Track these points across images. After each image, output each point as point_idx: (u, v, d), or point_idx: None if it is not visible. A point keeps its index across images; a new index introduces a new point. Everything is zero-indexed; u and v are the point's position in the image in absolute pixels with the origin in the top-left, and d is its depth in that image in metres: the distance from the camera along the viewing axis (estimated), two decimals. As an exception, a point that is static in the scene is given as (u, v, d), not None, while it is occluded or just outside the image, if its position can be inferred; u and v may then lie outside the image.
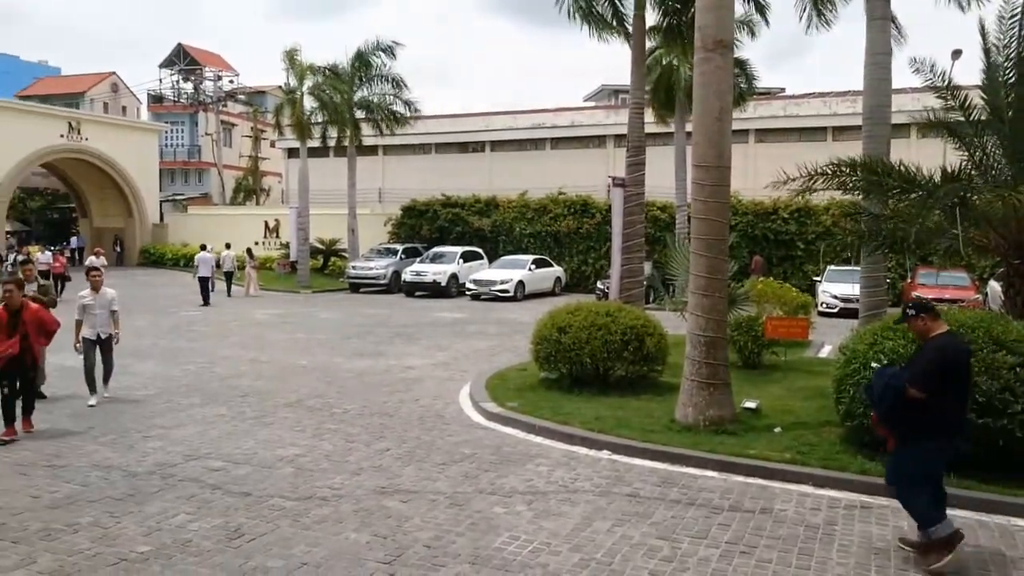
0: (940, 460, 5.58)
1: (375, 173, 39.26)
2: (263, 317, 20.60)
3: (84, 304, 10.17)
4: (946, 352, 5.45)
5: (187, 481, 7.11)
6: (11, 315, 8.46)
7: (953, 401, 5.43)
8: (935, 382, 5.31)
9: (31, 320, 8.58)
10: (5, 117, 34.64)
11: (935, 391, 5.30)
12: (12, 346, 8.34)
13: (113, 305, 10.39)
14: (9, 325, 8.41)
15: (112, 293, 10.47)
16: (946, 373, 5.36)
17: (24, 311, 8.54)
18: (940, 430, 5.41)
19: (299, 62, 30.28)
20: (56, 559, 5.41)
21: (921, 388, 5.28)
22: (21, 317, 8.49)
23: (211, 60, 57.51)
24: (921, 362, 5.50)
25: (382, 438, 8.69)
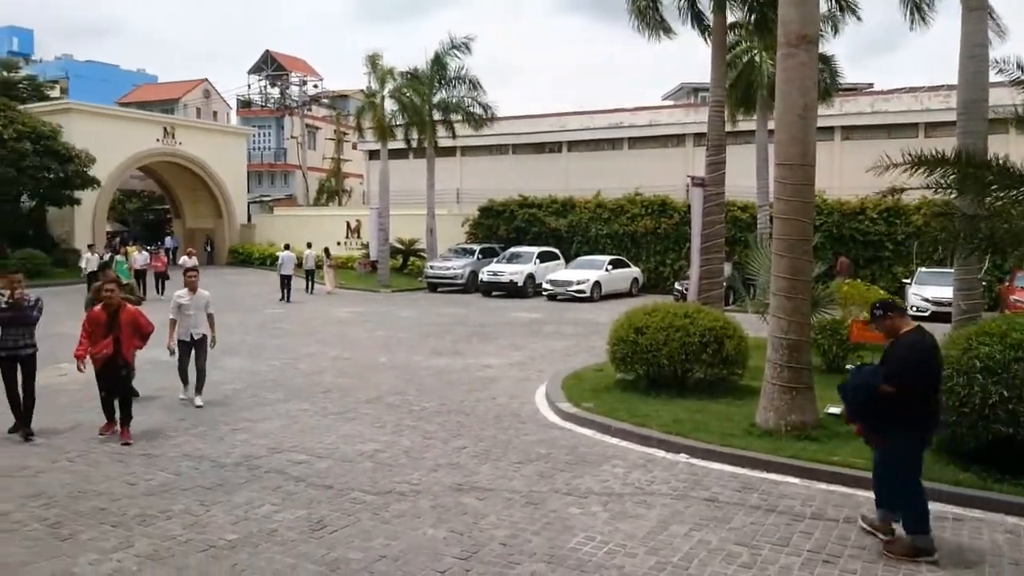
0: (917, 453, 5.71)
1: (453, 174, 39.71)
2: (344, 315, 21.10)
3: (180, 304, 10.01)
4: (916, 348, 5.65)
5: (272, 473, 7.36)
6: (110, 315, 8.40)
7: (924, 395, 5.62)
8: (907, 378, 5.54)
9: (127, 321, 8.45)
10: (107, 123, 36.52)
11: (907, 386, 5.52)
12: (107, 346, 8.27)
13: (208, 307, 10.21)
14: (107, 325, 8.35)
15: (207, 295, 10.29)
16: (918, 368, 5.59)
17: (121, 312, 8.45)
18: (912, 424, 5.61)
19: (380, 66, 30.92)
20: (151, 543, 5.68)
21: (894, 384, 5.51)
22: (118, 318, 8.40)
23: (297, 65, 59.26)
24: (893, 359, 5.69)
25: (459, 436, 8.80)
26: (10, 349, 8.34)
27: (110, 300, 8.44)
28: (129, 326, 8.45)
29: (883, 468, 5.81)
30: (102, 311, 8.41)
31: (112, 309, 8.41)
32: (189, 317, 10.00)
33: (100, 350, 8.28)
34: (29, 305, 8.40)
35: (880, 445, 5.76)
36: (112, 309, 8.41)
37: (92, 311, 8.55)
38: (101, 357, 8.30)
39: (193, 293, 10.09)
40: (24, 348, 8.40)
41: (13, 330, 8.29)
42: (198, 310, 10.06)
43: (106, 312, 8.40)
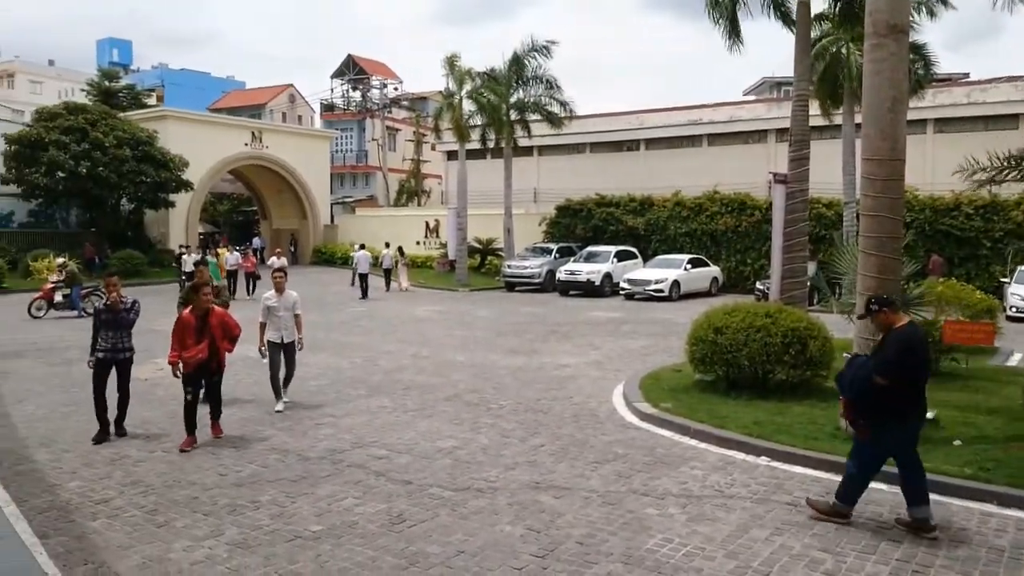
0: (899, 441, 5.99)
1: (530, 173, 39.84)
2: (423, 314, 21.44)
3: (268, 306, 9.87)
4: (909, 342, 5.87)
5: (354, 467, 7.55)
6: (200, 318, 8.28)
7: (912, 387, 5.87)
8: (898, 371, 5.77)
9: (217, 324, 8.36)
10: (199, 129, 38.11)
11: (898, 379, 5.76)
12: (201, 351, 8.18)
13: (296, 308, 10.01)
14: (198, 329, 8.25)
15: (295, 296, 10.10)
16: (909, 362, 5.81)
17: (211, 315, 8.34)
18: (900, 415, 5.86)
19: (458, 68, 31.25)
20: (240, 532, 5.92)
21: (885, 376, 5.75)
22: (209, 321, 8.31)
23: (378, 69, 60.47)
24: (886, 352, 5.91)
25: (536, 434, 8.84)
26: (107, 351, 8.40)
27: (202, 303, 8.35)
28: (219, 329, 8.38)
29: (858, 449, 6.11)
30: (191, 315, 8.32)
31: (202, 312, 8.32)
32: (279, 319, 9.84)
33: (195, 354, 8.16)
34: (125, 308, 8.47)
35: (864, 437, 6.02)
36: (202, 312, 8.32)
37: (181, 315, 8.46)
38: (195, 361, 8.19)
39: (280, 294, 9.95)
40: (122, 351, 8.48)
41: (111, 332, 8.38)
42: (286, 311, 9.89)
43: (196, 316, 8.30)
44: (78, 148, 29.96)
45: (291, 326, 9.95)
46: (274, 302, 9.87)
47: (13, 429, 8.97)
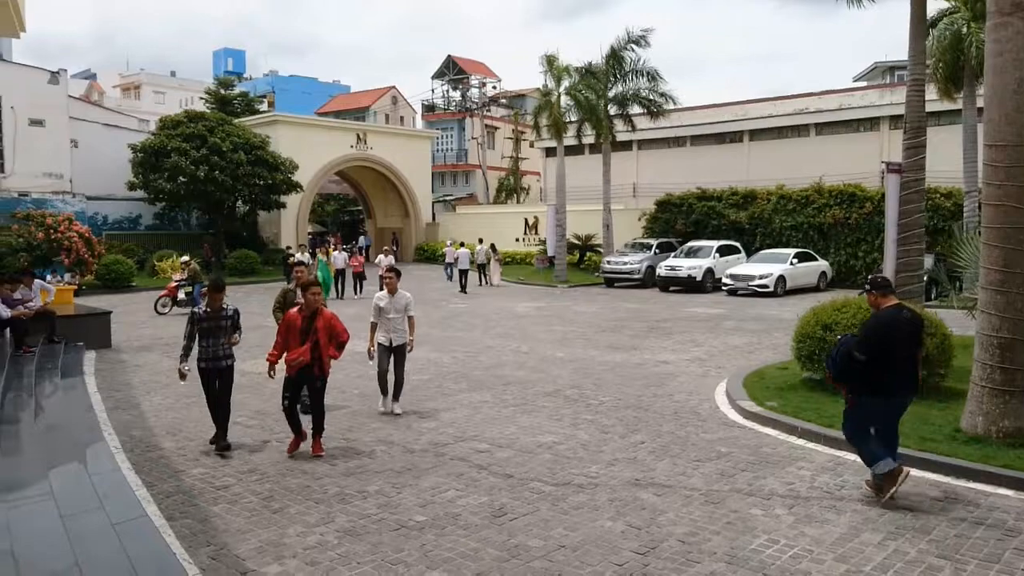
0: (880, 413, 6.54)
1: (629, 168, 39.45)
2: (523, 310, 21.60)
3: (379, 307, 9.50)
4: (881, 322, 6.45)
5: (456, 460, 7.72)
6: (307, 319, 7.85)
7: (890, 364, 6.34)
8: (870, 348, 6.33)
9: (324, 327, 7.87)
10: (308, 132, 39.61)
11: (873, 355, 6.31)
12: (304, 353, 7.72)
13: (409, 310, 9.61)
14: (303, 330, 7.81)
15: (408, 296, 9.68)
16: (880, 340, 6.35)
17: (319, 317, 7.88)
18: (879, 389, 6.40)
19: (556, 64, 31.27)
20: (349, 520, 6.15)
21: (860, 352, 6.33)
22: (315, 323, 7.84)
23: (477, 68, 61.20)
24: (863, 331, 6.59)
25: (636, 431, 8.79)
26: (210, 360, 8.04)
27: (311, 302, 7.91)
28: (326, 332, 7.87)
29: (845, 418, 6.75)
30: (299, 314, 7.91)
31: (310, 313, 7.89)
32: (389, 320, 9.47)
33: (296, 356, 7.72)
34: (226, 315, 8.11)
35: (850, 405, 6.63)
36: (310, 313, 7.89)
37: (289, 314, 8.04)
38: (297, 364, 7.74)
39: (392, 295, 9.55)
40: (223, 359, 8.07)
41: (212, 340, 7.99)
42: (398, 312, 9.50)
43: (303, 316, 7.88)
44: (198, 154, 31.67)
45: (402, 329, 9.56)
46: (385, 303, 9.50)
47: (143, 418, 9.61)
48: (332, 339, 7.95)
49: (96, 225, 33.16)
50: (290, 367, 7.80)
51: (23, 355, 11.45)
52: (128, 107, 65.14)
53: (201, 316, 8.01)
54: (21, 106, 30.98)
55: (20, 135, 31.18)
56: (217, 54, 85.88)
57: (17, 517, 5.34)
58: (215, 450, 8.05)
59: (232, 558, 5.45)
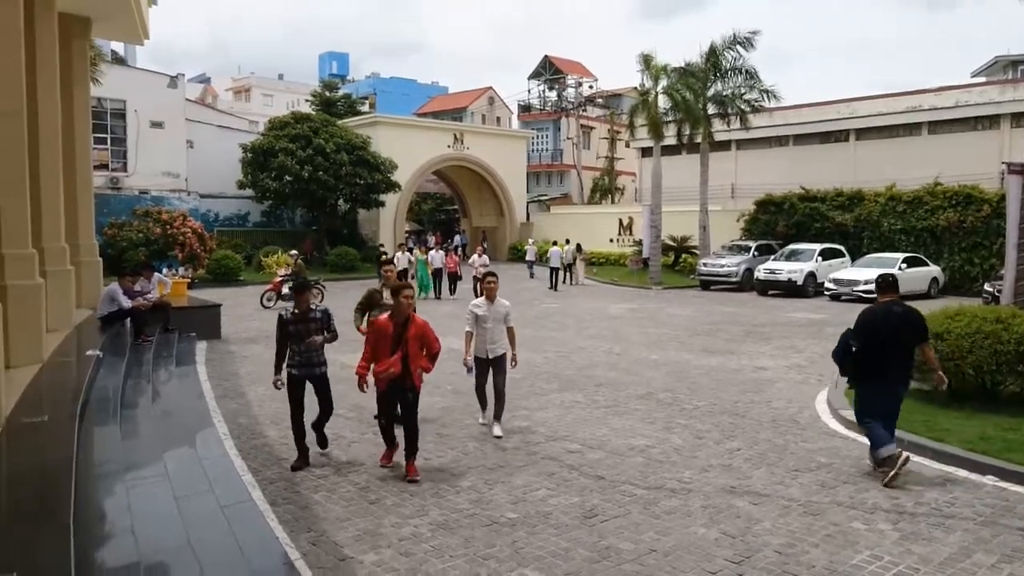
0: (877, 399, 7.25)
1: (728, 168, 38.58)
2: (616, 311, 21.45)
3: (476, 315, 8.60)
4: (867, 315, 7.31)
5: (547, 459, 7.75)
6: (398, 327, 7.09)
7: (882, 353, 7.10)
8: (859, 338, 7.20)
9: (416, 336, 7.10)
10: (407, 132, 40.51)
11: (865, 345, 7.15)
12: (395, 364, 6.97)
13: (508, 319, 8.69)
14: (394, 338, 7.04)
15: (507, 305, 8.76)
16: (870, 331, 7.16)
17: (411, 324, 7.10)
18: (872, 375, 7.19)
19: (653, 63, 30.89)
20: (442, 514, 6.27)
21: (854, 341, 7.21)
22: (407, 331, 7.07)
23: (573, 68, 61.12)
24: (855, 322, 7.34)
25: (732, 437, 8.60)
26: (301, 366, 7.46)
27: (402, 308, 7.13)
28: (418, 341, 7.13)
29: (855, 406, 7.52)
30: (389, 321, 7.14)
31: (402, 319, 7.11)
32: (487, 330, 8.57)
33: (386, 368, 6.98)
34: (315, 317, 7.49)
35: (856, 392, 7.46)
36: (402, 319, 7.11)
37: (378, 321, 7.28)
38: (387, 376, 7.01)
39: (491, 303, 8.65)
40: (316, 366, 7.53)
41: (301, 345, 7.41)
42: (496, 322, 8.60)
43: (394, 323, 7.11)
44: (303, 154, 32.86)
45: (501, 339, 8.66)
46: (483, 311, 8.59)
47: (249, 407, 10.06)
48: (424, 348, 7.21)
49: (208, 222, 34.88)
50: (380, 380, 7.08)
51: (142, 344, 12.15)
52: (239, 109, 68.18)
53: (288, 319, 7.42)
54: (143, 109, 32.94)
55: (142, 136, 33.17)
56: (322, 57, 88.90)
57: (136, 496, 5.69)
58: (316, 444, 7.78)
59: (331, 544, 5.65)
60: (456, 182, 46.13)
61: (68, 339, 10.91)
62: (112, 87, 28.86)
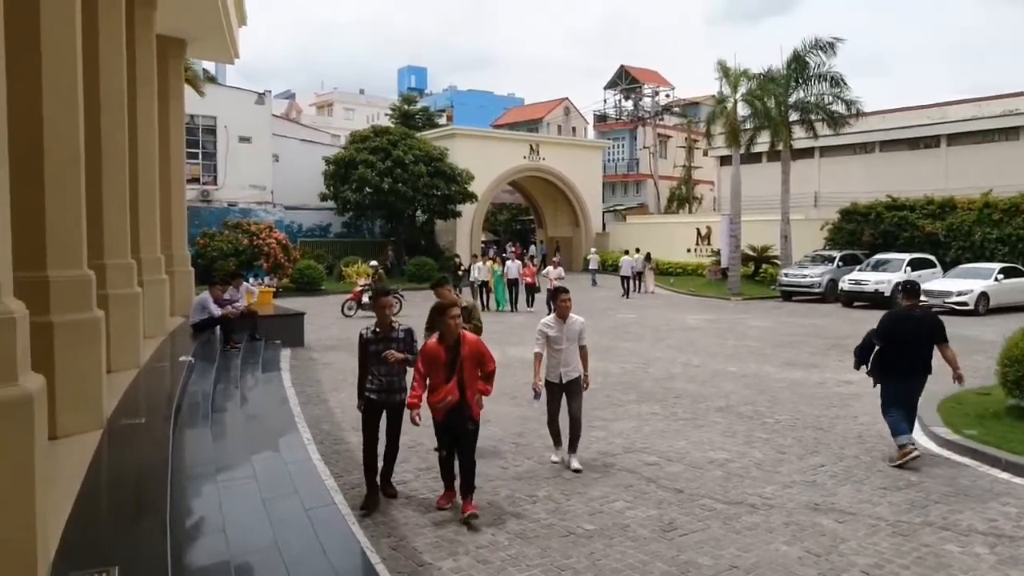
0: (897, 391, 8.13)
1: (810, 176, 37.57)
2: (694, 322, 21.13)
3: (547, 335, 7.74)
4: (889, 317, 8.26)
5: (624, 471, 7.69)
6: (449, 349, 6.39)
7: (901, 351, 8.01)
8: (880, 336, 8.12)
9: (470, 356, 6.40)
10: (483, 144, 40.97)
11: (885, 343, 8.08)
12: (451, 391, 6.30)
13: (582, 338, 7.85)
14: (448, 364, 6.36)
15: (581, 322, 7.90)
16: (891, 330, 8.07)
17: (463, 344, 6.40)
18: (893, 370, 8.11)
19: (732, 70, 30.41)
20: (519, 523, 6.30)
21: (876, 339, 8.14)
22: (459, 352, 6.37)
23: (649, 77, 60.67)
24: (879, 322, 8.26)
25: (815, 453, 8.37)
26: (380, 391, 6.75)
27: (451, 329, 6.41)
28: (472, 362, 6.43)
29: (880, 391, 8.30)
30: (439, 344, 6.44)
31: (452, 342, 6.41)
32: (559, 352, 7.69)
33: (443, 396, 6.31)
34: (397, 337, 6.78)
35: (876, 383, 8.33)
36: (452, 342, 6.41)
37: (427, 345, 6.55)
38: (445, 405, 6.34)
39: (564, 321, 7.78)
40: (396, 392, 6.77)
41: (383, 367, 6.67)
42: (570, 342, 7.74)
43: (444, 346, 6.41)
44: (382, 166, 33.60)
45: (575, 361, 7.79)
46: (555, 331, 7.72)
47: (331, 413, 10.32)
48: (481, 369, 6.53)
49: (292, 233, 36.00)
50: (436, 410, 6.43)
51: (230, 350, 12.62)
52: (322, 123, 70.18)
53: (369, 338, 6.80)
54: (232, 125, 34.33)
55: (231, 151, 34.57)
56: (401, 71, 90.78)
57: (227, 497, 5.91)
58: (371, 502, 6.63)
59: (410, 550, 5.75)
60: (532, 193, 46.33)
61: (163, 345, 11.43)
62: (204, 104, 30.18)
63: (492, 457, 8.15)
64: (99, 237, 8.81)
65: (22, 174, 5.45)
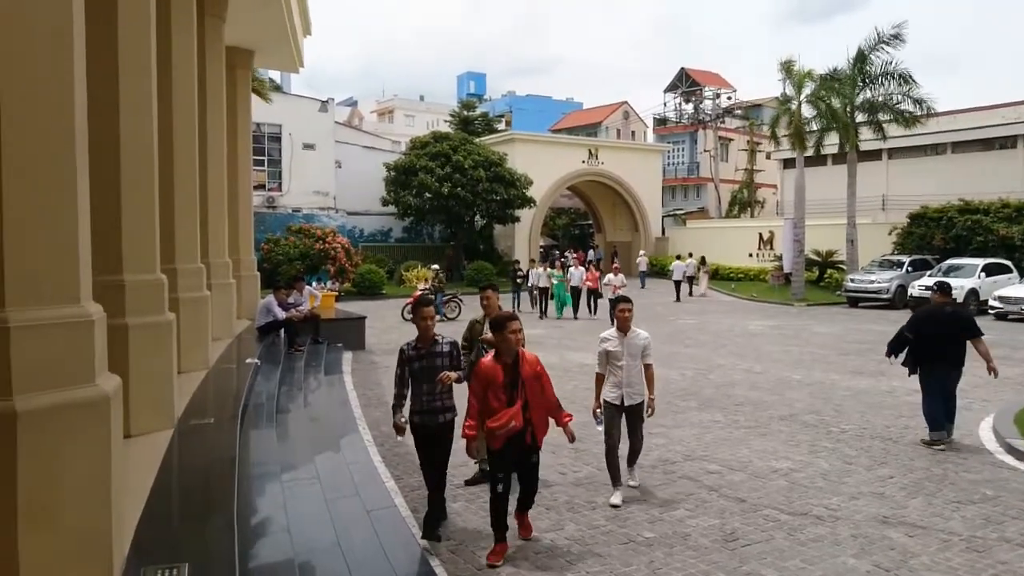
0: (933, 381, 8.86)
1: (878, 179, 36.53)
2: (756, 328, 20.74)
3: (607, 350, 6.96)
4: (920, 313, 9.26)
5: (685, 479, 7.59)
6: (508, 368, 5.66)
7: (931, 344, 8.83)
8: (911, 331, 9.02)
9: (532, 376, 5.70)
10: (542, 148, 41.01)
11: (917, 336, 8.95)
12: (516, 416, 5.54)
13: (647, 355, 6.98)
14: (508, 384, 5.62)
15: (645, 337, 7.03)
16: (920, 325, 8.97)
17: (522, 362, 5.70)
18: (926, 361, 8.91)
19: (796, 70, 29.79)
20: (579, 529, 6.28)
21: (908, 332, 9.04)
22: (520, 371, 5.67)
23: (710, 80, 59.88)
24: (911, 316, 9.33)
25: (884, 464, 8.12)
26: (424, 412, 5.95)
27: (508, 344, 5.66)
28: (535, 381, 5.71)
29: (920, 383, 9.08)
30: (496, 362, 5.69)
31: (511, 359, 5.69)
32: (621, 370, 6.89)
33: (505, 422, 5.50)
34: (441, 351, 5.98)
35: (911, 372, 9.15)
36: (511, 359, 5.69)
37: (482, 365, 5.74)
38: (505, 432, 5.54)
39: (625, 334, 6.97)
40: (440, 412, 5.97)
41: (427, 386, 5.91)
42: (632, 358, 6.91)
43: (502, 364, 5.68)
44: (442, 172, 33.91)
45: (638, 382, 6.96)
46: (615, 345, 6.94)
47: (391, 416, 10.42)
48: (543, 394, 5.80)
49: (354, 238, 36.60)
50: (494, 437, 5.58)
51: (294, 353, 12.91)
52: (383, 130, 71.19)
53: (411, 355, 5.98)
54: (297, 132, 35.12)
55: (295, 158, 35.34)
56: (460, 78, 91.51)
57: (291, 496, 6.05)
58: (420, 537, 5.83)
59: (468, 553, 5.78)
60: (590, 197, 46.15)
61: (230, 347, 11.75)
62: (270, 112, 30.96)
63: (551, 462, 8.13)
64: (171, 242, 9.12)
65: (100, 182, 5.68)
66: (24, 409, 3.39)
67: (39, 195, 3.56)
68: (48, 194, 3.60)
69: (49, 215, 3.61)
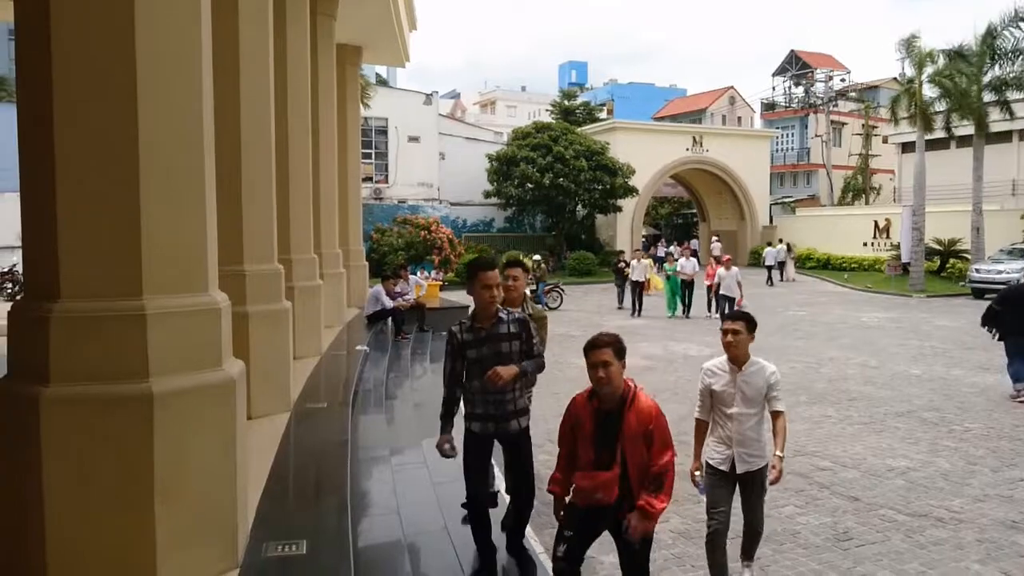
0: (1013, 346, 10.52)
1: (1008, 162, 34.21)
2: (871, 320, 19.86)
3: (711, 389, 4.83)
4: (1010, 287, 11.32)
5: (795, 475, 7.37)
6: (602, 419, 3.82)
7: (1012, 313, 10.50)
8: (998, 302, 10.83)
9: (638, 425, 3.74)
10: (644, 137, 40.45)
11: (1003, 308, 10.66)
12: (607, 486, 3.74)
13: (774, 400, 4.72)
14: (598, 437, 3.81)
15: (772, 373, 4.74)
16: (1006, 299, 10.81)
17: (628, 408, 3.76)
18: (1014, 330, 10.49)
19: (917, 49, 28.20)
20: (683, 522, 6.23)
21: (996, 305, 10.81)
22: (622, 420, 3.75)
23: (822, 62, 57.47)
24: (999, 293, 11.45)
25: (1013, 466, 7.65)
26: (485, 419, 4.48)
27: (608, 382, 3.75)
28: (642, 435, 3.74)
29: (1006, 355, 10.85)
30: (588, 403, 3.89)
31: (615, 403, 3.80)
32: (729, 420, 4.72)
33: (591, 485, 3.77)
34: (507, 331, 4.39)
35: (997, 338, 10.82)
36: (615, 403, 3.80)
37: (575, 401, 3.98)
38: (589, 499, 3.80)
39: (739, 368, 4.73)
40: (511, 418, 4.46)
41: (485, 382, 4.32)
42: (748, 403, 4.70)
43: (594, 407, 3.86)
44: (543, 162, 33.99)
45: (755, 437, 4.71)
46: (723, 384, 4.77)
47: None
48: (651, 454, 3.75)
49: (457, 228, 37.19)
50: (578, 493, 3.87)
51: (401, 340, 13.27)
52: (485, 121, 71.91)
53: (465, 339, 4.42)
54: (402, 125, 35.96)
55: (401, 150, 36.20)
56: (562, 67, 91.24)
57: (400, 480, 6.24)
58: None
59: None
60: (694, 185, 45.18)
61: (341, 335, 12.20)
62: (376, 106, 31.81)
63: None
64: (286, 234, 9.53)
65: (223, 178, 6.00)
66: (159, 391, 3.63)
67: (172, 193, 3.79)
68: (180, 192, 3.83)
69: (181, 211, 3.84)
